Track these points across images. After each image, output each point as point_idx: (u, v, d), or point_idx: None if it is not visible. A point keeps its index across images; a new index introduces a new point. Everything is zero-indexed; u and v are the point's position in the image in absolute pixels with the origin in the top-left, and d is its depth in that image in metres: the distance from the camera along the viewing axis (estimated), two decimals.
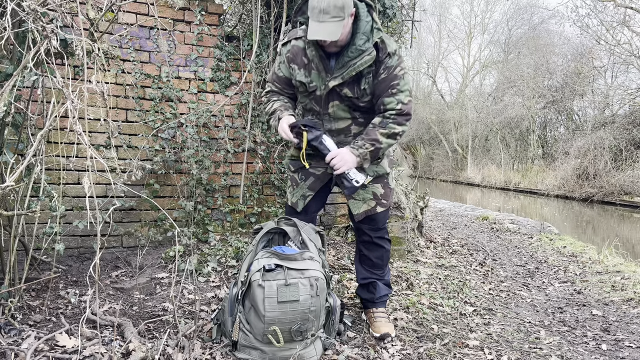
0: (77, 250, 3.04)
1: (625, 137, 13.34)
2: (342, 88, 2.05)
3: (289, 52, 2.13)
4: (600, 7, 14.83)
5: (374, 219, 2.24)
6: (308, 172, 2.21)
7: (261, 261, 1.81)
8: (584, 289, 3.45)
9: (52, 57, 1.72)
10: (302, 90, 2.14)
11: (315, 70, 2.06)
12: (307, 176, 2.23)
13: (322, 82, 2.06)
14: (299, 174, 2.25)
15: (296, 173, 2.27)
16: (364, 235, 2.27)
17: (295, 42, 2.11)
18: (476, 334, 2.36)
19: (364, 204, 2.19)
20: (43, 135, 1.78)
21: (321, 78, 2.06)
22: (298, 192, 2.26)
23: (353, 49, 1.97)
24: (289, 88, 2.20)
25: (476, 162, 21.17)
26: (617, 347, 2.36)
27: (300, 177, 2.25)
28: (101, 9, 2.21)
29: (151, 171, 3.11)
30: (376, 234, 2.26)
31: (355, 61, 1.98)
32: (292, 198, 2.28)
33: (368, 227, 2.25)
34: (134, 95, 3.16)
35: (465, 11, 35.94)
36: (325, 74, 2.04)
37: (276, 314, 1.74)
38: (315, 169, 2.20)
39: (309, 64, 2.07)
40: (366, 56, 1.97)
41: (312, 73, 2.07)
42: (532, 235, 5.84)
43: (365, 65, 1.98)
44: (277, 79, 2.21)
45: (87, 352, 1.71)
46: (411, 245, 4.02)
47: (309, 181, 2.23)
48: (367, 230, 2.25)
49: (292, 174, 2.30)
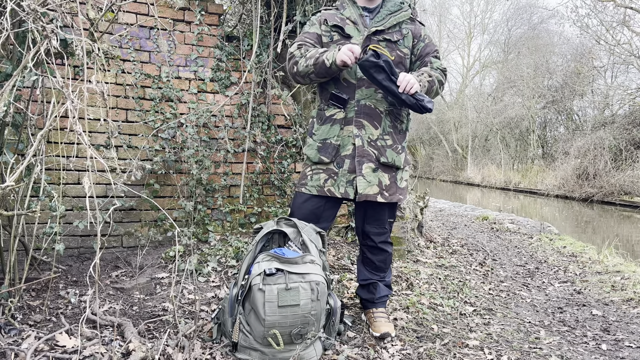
0: (77, 250, 3.04)
1: (625, 137, 13.35)
2: (382, 35, 2.12)
3: (320, 16, 2.20)
4: (600, 7, 14.83)
5: (379, 219, 2.23)
6: (342, 157, 2.12)
7: (262, 265, 1.80)
8: (584, 289, 3.45)
9: (52, 57, 1.72)
10: (336, 39, 2.12)
11: (351, 25, 2.13)
12: (342, 162, 2.13)
13: (359, 33, 2.12)
14: (334, 162, 2.14)
15: (332, 163, 2.14)
16: (368, 240, 2.27)
17: (325, 10, 2.23)
18: (476, 334, 2.36)
19: (369, 186, 2.10)
20: (43, 135, 1.78)
21: (357, 30, 2.12)
22: (341, 180, 2.12)
23: (392, 4, 2.16)
24: (318, 45, 2.17)
25: (476, 162, 21.17)
26: (617, 347, 2.36)
27: (337, 165, 2.14)
28: (101, 9, 2.20)
29: (151, 171, 3.11)
30: (380, 239, 2.26)
31: (396, 14, 2.14)
32: (339, 189, 2.12)
33: (374, 230, 2.24)
34: (134, 95, 3.16)
35: (465, 11, 35.93)
36: (362, 27, 2.12)
37: (276, 318, 1.74)
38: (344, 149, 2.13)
39: (344, 21, 2.14)
40: (404, 12, 2.15)
41: (347, 27, 2.13)
42: (532, 235, 5.84)
43: (403, 18, 2.14)
44: (308, 36, 2.18)
45: (87, 352, 1.71)
46: (411, 245, 4.02)
47: (346, 165, 2.12)
48: (372, 235, 2.25)
49: (324, 166, 2.15)
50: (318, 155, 2.15)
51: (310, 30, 2.20)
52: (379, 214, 2.23)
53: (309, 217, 2.16)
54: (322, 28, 2.17)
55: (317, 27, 2.18)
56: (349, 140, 2.11)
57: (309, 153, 2.19)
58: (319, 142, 2.16)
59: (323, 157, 2.14)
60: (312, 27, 2.20)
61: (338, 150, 2.13)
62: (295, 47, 2.13)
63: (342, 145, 2.13)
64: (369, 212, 2.24)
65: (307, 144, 2.23)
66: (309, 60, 2.05)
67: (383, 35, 2.11)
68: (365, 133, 2.10)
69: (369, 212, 2.24)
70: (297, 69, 2.10)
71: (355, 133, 2.10)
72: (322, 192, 2.14)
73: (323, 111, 2.18)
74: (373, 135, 2.11)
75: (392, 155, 2.14)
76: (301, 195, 2.20)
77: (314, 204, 2.17)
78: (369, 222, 2.25)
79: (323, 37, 2.16)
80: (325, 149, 2.14)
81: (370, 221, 2.25)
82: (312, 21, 2.22)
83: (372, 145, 2.11)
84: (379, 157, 2.11)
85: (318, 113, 2.22)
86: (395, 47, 2.13)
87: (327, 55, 1.99)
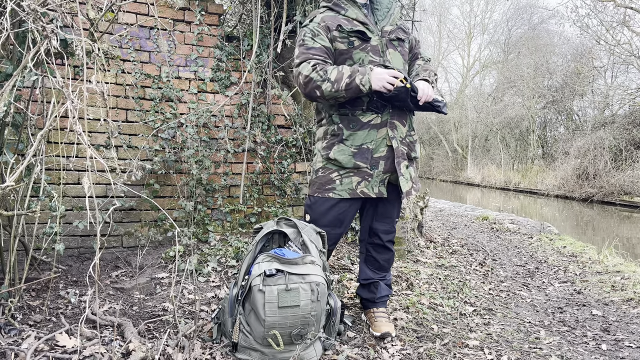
0: (77, 250, 3.04)
1: (625, 137, 13.35)
2: (394, 34, 2.14)
3: (322, 22, 2.08)
4: (600, 7, 14.83)
5: (389, 216, 2.27)
6: (376, 159, 2.11)
7: (262, 265, 1.80)
8: (584, 289, 3.45)
9: (52, 57, 1.72)
10: (357, 44, 2.05)
11: (361, 26, 2.11)
12: (376, 164, 2.11)
13: (373, 34, 2.10)
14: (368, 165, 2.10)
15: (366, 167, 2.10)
16: (375, 238, 2.28)
17: (323, 14, 2.12)
18: (476, 334, 2.36)
19: (406, 183, 2.14)
20: (43, 135, 1.78)
21: (370, 30, 2.11)
22: (375, 181, 2.11)
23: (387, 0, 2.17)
24: (329, 59, 2.07)
25: (476, 162, 21.17)
26: (617, 347, 2.36)
27: (371, 168, 2.10)
28: (101, 9, 2.20)
29: (151, 171, 3.11)
30: (388, 237, 2.29)
31: (392, 10, 2.17)
32: (374, 189, 2.10)
33: (383, 227, 2.27)
34: (134, 95, 3.16)
35: (465, 11, 35.93)
36: (373, 27, 2.11)
37: (276, 318, 1.74)
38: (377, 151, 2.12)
39: (352, 24, 2.08)
40: (397, 7, 2.18)
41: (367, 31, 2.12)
42: (532, 235, 5.84)
43: (398, 14, 2.19)
44: (317, 52, 2.03)
45: (87, 352, 1.71)
46: (411, 245, 4.02)
47: (380, 167, 2.11)
48: (381, 232, 2.27)
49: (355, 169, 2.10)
50: (353, 161, 2.09)
51: (315, 45, 2.05)
52: (389, 211, 2.26)
53: (333, 223, 2.14)
54: (334, 35, 2.06)
55: (323, 39, 2.05)
56: (384, 142, 2.11)
57: (342, 159, 2.09)
58: (354, 148, 2.09)
59: (359, 162, 2.09)
60: (317, 39, 2.05)
61: (372, 153, 2.11)
62: (310, 69, 2.00)
63: (375, 148, 2.11)
64: (379, 210, 2.26)
65: (336, 150, 2.10)
66: (336, 84, 1.96)
67: (395, 34, 2.15)
68: (397, 133, 2.13)
69: (380, 209, 2.26)
70: (320, 93, 1.99)
71: (390, 135, 2.11)
72: (355, 194, 2.10)
73: (357, 116, 2.09)
74: (403, 133, 2.16)
75: (418, 148, 2.27)
76: (327, 200, 2.12)
77: (340, 209, 2.13)
78: (379, 219, 2.27)
79: (339, 45, 2.06)
80: (361, 154, 2.09)
81: (381, 218, 2.26)
82: (314, 31, 2.07)
83: (404, 142, 2.17)
84: (409, 154, 2.20)
85: (349, 118, 2.10)
86: (404, 45, 2.19)
87: (361, 80, 1.94)
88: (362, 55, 2.06)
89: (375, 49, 2.08)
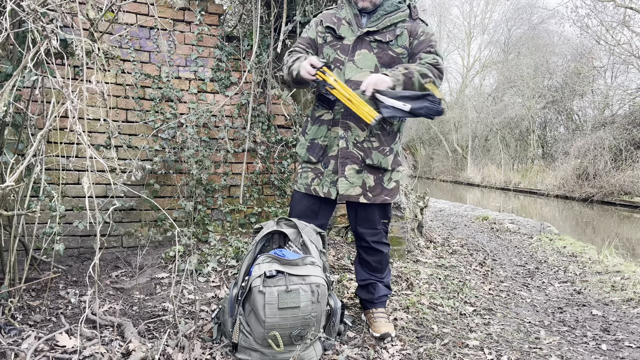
0: (77, 250, 3.04)
1: (625, 137, 13.35)
2: (373, 36, 2.12)
3: (320, 17, 2.23)
4: (600, 7, 14.83)
5: (369, 220, 2.22)
6: (329, 158, 2.15)
7: (262, 266, 1.80)
8: (584, 289, 3.45)
9: (52, 57, 1.72)
10: (329, 40, 2.16)
11: (346, 25, 2.14)
12: (327, 162, 2.16)
13: (352, 34, 2.12)
14: (321, 162, 2.18)
15: (319, 163, 2.19)
16: (362, 241, 2.27)
17: (326, 11, 2.27)
18: (476, 334, 2.36)
19: (351, 187, 2.13)
20: (43, 135, 1.78)
21: (351, 30, 2.13)
22: (326, 180, 2.17)
23: (389, 4, 2.13)
24: (311, 49, 2.21)
25: (476, 162, 21.17)
26: (617, 347, 2.36)
27: (323, 165, 2.18)
28: (101, 9, 2.20)
29: (151, 171, 3.11)
30: (373, 239, 2.25)
31: (391, 15, 2.12)
32: (323, 189, 2.16)
33: (366, 231, 2.24)
34: (134, 95, 3.16)
35: (465, 11, 35.94)
36: (356, 28, 2.13)
37: (276, 319, 1.74)
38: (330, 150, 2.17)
39: (339, 22, 2.16)
40: (401, 12, 2.13)
41: (342, 28, 2.15)
42: (532, 235, 5.84)
43: (399, 19, 2.13)
44: (301, 40, 2.23)
45: (87, 352, 1.71)
46: (411, 245, 4.02)
47: (331, 165, 2.15)
48: (366, 236, 2.24)
49: (312, 165, 2.20)
50: (307, 155, 2.21)
51: (305, 34, 2.24)
52: (369, 215, 2.23)
53: (306, 213, 2.20)
54: (318, 29, 2.20)
55: (312, 30, 2.22)
56: (335, 141, 2.14)
57: (299, 151, 2.26)
58: (309, 142, 2.21)
59: (311, 156, 2.20)
60: (309, 30, 2.24)
61: (325, 150, 2.17)
62: (287, 54, 2.20)
63: (329, 145, 2.17)
64: (359, 214, 2.24)
65: (299, 142, 2.29)
66: (285, 68, 2.16)
67: (374, 36, 2.11)
68: (351, 135, 2.11)
69: (360, 213, 2.24)
70: (283, 76, 2.21)
71: (340, 134, 2.12)
72: (309, 190, 2.21)
73: (314, 111, 2.23)
74: (359, 136, 2.12)
75: (379, 157, 2.14)
76: (296, 192, 2.28)
77: (308, 201, 2.23)
78: (360, 224, 2.25)
79: (318, 39, 2.20)
80: (313, 149, 2.19)
81: (361, 222, 2.25)
82: (310, 24, 2.25)
83: (358, 146, 2.12)
84: (364, 159, 2.13)
85: (311, 113, 2.27)
86: (387, 47, 2.11)
87: (297, 67, 2.07)
88: (330, 51, 2.16)
89: (345, 47, 2.12)
